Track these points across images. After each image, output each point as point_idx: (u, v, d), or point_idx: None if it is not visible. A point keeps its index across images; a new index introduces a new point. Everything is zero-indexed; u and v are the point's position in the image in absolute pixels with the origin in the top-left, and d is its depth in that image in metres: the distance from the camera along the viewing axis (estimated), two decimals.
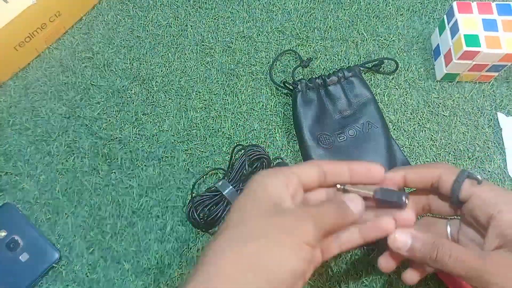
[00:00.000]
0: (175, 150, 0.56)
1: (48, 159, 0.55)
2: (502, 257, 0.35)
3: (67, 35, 0.63)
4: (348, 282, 0.50)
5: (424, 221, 0.45)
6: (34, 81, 0.59)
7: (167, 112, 0.58)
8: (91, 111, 0.58)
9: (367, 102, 0.56)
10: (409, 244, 0.37)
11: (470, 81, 0.61)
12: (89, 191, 0.54)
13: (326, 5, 0.66)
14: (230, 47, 0.63)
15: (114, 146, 0.56)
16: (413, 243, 0.37)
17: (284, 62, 0.62)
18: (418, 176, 0.40)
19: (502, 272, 0.34)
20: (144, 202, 0.53)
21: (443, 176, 0.39)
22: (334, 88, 0.57)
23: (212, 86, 0.60)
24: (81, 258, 0.50)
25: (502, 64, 0.57)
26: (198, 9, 0.65)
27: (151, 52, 0.62)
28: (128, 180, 0.54)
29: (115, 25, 0.64)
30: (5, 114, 0.57)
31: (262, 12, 0.65)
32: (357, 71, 0.57)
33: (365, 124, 0.54)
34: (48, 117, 0.57)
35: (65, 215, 0.52)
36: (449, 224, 0.42)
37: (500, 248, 0.36)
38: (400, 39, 0.64)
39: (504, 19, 0.57)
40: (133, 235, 0.52)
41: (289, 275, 0.31)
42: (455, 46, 0.57)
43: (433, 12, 0.66)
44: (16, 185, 0.54)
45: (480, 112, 0.60)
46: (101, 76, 0.60)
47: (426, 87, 0.61)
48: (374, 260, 0.51)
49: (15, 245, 0.50)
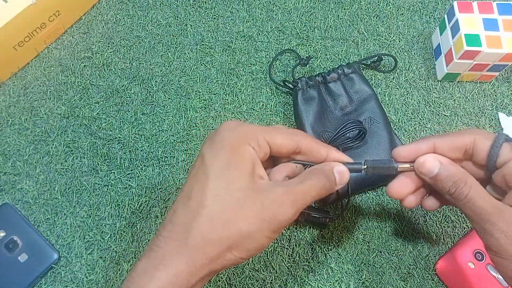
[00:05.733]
0: (175, 150, 0.56)
1: (47, 159, 0.55)
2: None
3: (66, 34, 0.62)
4: (348, 282, 0.50)
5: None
6: (33, 81, 0.59)
7: (167, 112, 0.58)
8: (90, 111, 0.58)
9: (368, 98, 0.56)
10: (435, 171, 0.37)
11: (471, 80, 0.61)
12: (88, 191, 0.54)
13: (327, 5, 0.66)
14: (230, 46, 0.63)
15: (113, 146, 0.56)
16: (440, 171, 0.37)
17: (284, 62, 0.62)
18: (450, 144, 0.38)
19: (507, 228, 0.34)
20: (143, 202, 0.53)
21: (478, 142, 0.37)
22: (334, 85, 0.56)
23: (212, 85, 0.60)
24: (80, 259, 0.50)
25: (503, 63, 0.57)
26: (198, 9, 0.65)
27: (151, 52, 0.62)
28: (127, 180, 0.54)
29: (115, 24, 0.64)
30: (4, 114, 0.57)
31: (262, 11, 0.65)
32: (356, 67, 0.57)
33: (367, 120, 0.54)
34: (47, 117, 0.57)
35: (64, 215, 0.52)
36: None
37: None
38: (400, 39, 0.64)
39: (505, 18, 0.57)
40: (132, 235, 0.52)
41: (260, 250, 0.35)
42: (456, 46, 0.57)
43: (434, 12, 0.66)
44: (15, 185, 0.53)
45: (481, 112, 0.59)
46: (100, 76, 0.60)
47: (427, 86, 0.61)
48: (374, 260, 0.51)
49: (14, 245, 0.50)
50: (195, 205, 0.34)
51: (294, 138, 0.38)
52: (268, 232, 0.34)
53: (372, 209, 0.53)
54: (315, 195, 0.36)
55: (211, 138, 0.36)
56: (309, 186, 0.36)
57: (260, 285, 0.50)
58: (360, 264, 0.51)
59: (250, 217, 0.33)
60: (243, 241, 0.34)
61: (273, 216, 0.34)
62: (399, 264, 0.51)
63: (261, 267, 0.50)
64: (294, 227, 0.52)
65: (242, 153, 0.35)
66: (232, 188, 0.34)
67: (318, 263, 0.51)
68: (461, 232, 0.53)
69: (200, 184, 0.34)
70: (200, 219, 0.33)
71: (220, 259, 0.34)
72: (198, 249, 0.33)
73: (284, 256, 0.51)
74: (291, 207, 0.34)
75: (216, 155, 0.35)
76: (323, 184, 0.36)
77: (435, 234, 0.52)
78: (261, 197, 0.34)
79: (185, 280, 0.33)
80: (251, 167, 0.35)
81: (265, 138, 0.36)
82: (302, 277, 0.50)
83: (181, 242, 0.33)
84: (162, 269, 0.33)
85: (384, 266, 0.51)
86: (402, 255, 0.51)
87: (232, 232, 0.33)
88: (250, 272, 0.50)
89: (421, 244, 0.52)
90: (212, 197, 0.34)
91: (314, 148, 0.38)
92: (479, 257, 0.49)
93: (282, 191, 0.35)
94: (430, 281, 0.50)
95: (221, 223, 0.33)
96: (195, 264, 0.33)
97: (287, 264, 0.51)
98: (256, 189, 0.34)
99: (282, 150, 0.38)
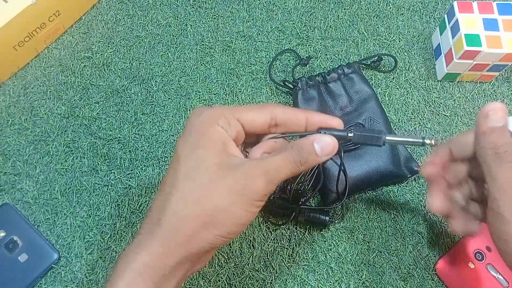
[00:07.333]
0: (174, 150, 0.56)
1: (47, 159, 0.55)
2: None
3: (66, 34, 0.62)
4: (348, 282, 0.50)
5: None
6: (33, 81, 0.59)
7: (167, 112, 0.58)
8: (90, 111, 0.58)
9: (368, 98, 0.56)
10: (501, 123, 0.36)
11: (471, 80, 0.61)
12: (88, 191, 0.54)
13: (327, 5, 0.66)
14: (230, 46, 0.63)
15: (113, 146, 0.56)
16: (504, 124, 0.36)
17: (284, 62, 0.62)
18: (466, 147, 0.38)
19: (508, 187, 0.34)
20: (143, 202, 0.53)
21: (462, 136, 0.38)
22: (334, 85, 0.56)
23: (212, 85, 0.60)
24: (80, 259, 0.50)
25: (503, 63, 0.57)
26: (198, 9, 0.65)
27: (151, 52, 0.62)
28: (127, 180, 0.54)
29: (115, 24, 0.64)
30: (4, 114, 0.57)
31: (262, 11, 0.65)
32: (356, 67, 0.57)
33: (367, 120, 0.54)
34: (47, 117, 0.57)
35: (64, 215, 0.52)
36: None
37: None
38: (400, 39, 0.64)
39: (505, 18, 0.57)
40: (132, 235, 0.51)
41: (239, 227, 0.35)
42: (456, 46, 0.57)
43: (434, 12, 0.66)
44: (15, 185, 0.53)
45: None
46: (100, 76, 0.60)
47: (427, 86, 0.61)
48: (374, 260, 0.51)
49: (14, 245, 0.50)
50: (168, 188, 0.34)
51: (265, 110, 0.37)
52: (243, 204, 0.34)
53: (372, 209, 0.53)
54: (290, 168, 0.35)
55: (184, 127, 0.37)
56: (282, 159, 0.35)
57: (260, 285, 0.50)
58: (360, 264, 0.51)
59: (222, 190, 0.33)
60: (218, 216, 0.33)
61: (245, 187, 0.33)
62: (399, 264, 0.51)
63: (261, 267, 0.50)
64: (294, 227, 0.52)
65: (210, 133, 0.35)
66: (202, 166, 0.34)
67: (318, 263, 0.51)
68: None
69: (172, 169, 0.35)
70: (172, 199, 0.34)
71: (197, 238, 0.33)
72: (172, 228, 0.33)
73: (284, 256, 0.51)
74: (263, 178, 0.34)
75: (185, 140, 0.36)
76: (298, 157, 0.35)
77: (435, 234, 0.52)
78: (232, 172, 0.34)
79: (161, 262, 0.33)
80: (221, 146, 0.35)
81: (234, 116, 0.36)
82: (302, 277, 0.50)
83: (155, 224, 0.34)
84: (139, 251, 0.33)
85: (384, 266, 0.51)
86: (402, 255, 0.51)
87: (205, 207, 0.33)
88: (250, 272, 0.50)
89: (421, 244, 0.52)
90: (183, 177, 0.34)
91: (290, 115, 0.37)
92: (479, 257, 0.49)
93: (253, 163, 0.34)
94: (430, 281, 0.50)
95: (193, 200, 0.33)
96: (170, 244, 0.33)
97: (287, 264, 0.51)
98: (227, 165, 0.34)
99: (257, 125, 0.37)
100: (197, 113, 0.37)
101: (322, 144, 0.35)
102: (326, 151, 0.36)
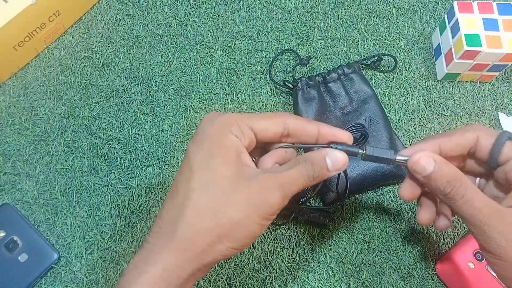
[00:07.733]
0: (175, 150, 0.56)
1: (47, 159, 0.55)
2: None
3: (66, 34, 0.62)
4: (348, 282, 0.50)
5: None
6: (33, 81, 0.59)
7: (167, 112, 0.58)
8: (90, 111, 0.58)
9: (368, 98, 0.56)
10: (429, 170, 0.35)
11: (471, 80, 0.61)
12: (88, 191, 0.54)
13: (327, 5, 0.66)
14: (230, 46, 0.63)
15: (113, 146, 0.56)
16: (435, 170, 0.35)
17: (284, 62, 0.62)
18: (455, 144, 0.37)
19: (507, 230, 0.33)
20: (143, 202, 0.53)
21: (481, 139, 0.37)
22: (334, 85, 0.56)
23: (212, 85, 0.60)
24: (80, 259, 0.50)
25: (503, 63, 0.57)
26: (198, 9, 0.65)
27: (151, 52, 0.62)
28: (127, 180, 0.54)
29: (115, 24, 0.64)
30: (4, 114, 0.57)
31: (262, 11, 0.65)
32: (356, 67, 0.57)
33: (367, 120, 0.54)
34: (47, 117, 0.57)
35: (64, 215, 0.52)
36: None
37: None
38: (400, 39, 0.64)
39: (505, 18, 0.57)
40: (132, 235, 0.51)
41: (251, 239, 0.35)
42: (456, 46, 0.57)
43: (434, 12, 0.66)
44: (15, 185, 0.53)
45: (481, 112, 0.59)
46: (100, 76, 0.60)
47: (427, 86, 0.61)
48: (374, 260, 0.51)
49: (14, 245, 0.50)
50: (182, 198, 0.34)
51: (278, 119, 0.37)
52: (257, 218, 0.33)
53: (372, 209, 0.53)
54: (303, 182, 0.35)
55: (195, 133, 0.36)
56: (296, 173, 0.35)
57: (260, 285, 0.50)
58: (360, 264, 0.51)
59: (238, 204, 0.33)
60: (233, 229, 0.33)
61: (261, 201, 0.33)
62: (399, 264, 0.51)
63: (261, 267, 0.50)
64: (294, 227, 0.52)
65: (224, 142, 0.34)
66: (217, 177, 0.34)
67: (318, 263, 0.51)
68: (461, 232, 0.53)
69: (185, 178, 0.34)
70: (186, 211, 0.33)
71: (211, 250, 0.33)
72: (187, 241, 0.33)
73: (284, 256, 0.51)
74: (279, 192, 0.34)
75: (198, 147, 0.35)
76: (311, 171, 0.35)
77: (435, 234, 0.52)
78: (247, 184, 0.33)
79: (175, 274, 0.33)
80: (235, 155, 0.34)
81: (247, 125, 0.36)
82: (302, 277, 0.50)
83: (169, 235, 0.33)
84: (152, 263, 0.33)
85: (384, 266, 0.51)
86: (402, 255, 0.51)
87: (220, 220, 0.33)
88: (250, 272, 0.50)
89: (421, 244, 0.52)
90: (198, 188, 0.33)
91: (301, 127, 0.37)
92: (479, 257, 0.49)
93: (268, 176, 0.34)
94: (430, 281, 0.50)
95: (209, 212, 0.33)
96: (185, 256, 0.33)
97: (287, 264, 0.51)
98: (242, 176, 0.34)
99: (269, 135, 0.37)
100: (209, 119, 0.36)
101: (333, 159, 0.35)
102: (336, 166, 0.36)
